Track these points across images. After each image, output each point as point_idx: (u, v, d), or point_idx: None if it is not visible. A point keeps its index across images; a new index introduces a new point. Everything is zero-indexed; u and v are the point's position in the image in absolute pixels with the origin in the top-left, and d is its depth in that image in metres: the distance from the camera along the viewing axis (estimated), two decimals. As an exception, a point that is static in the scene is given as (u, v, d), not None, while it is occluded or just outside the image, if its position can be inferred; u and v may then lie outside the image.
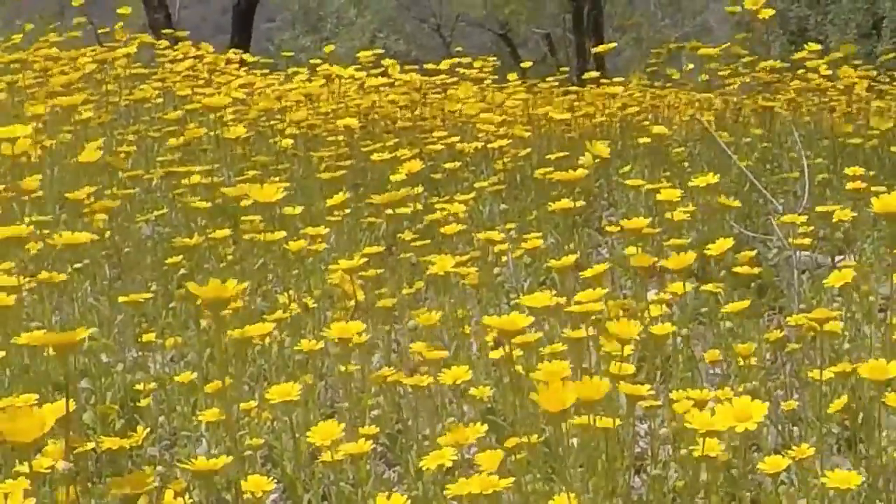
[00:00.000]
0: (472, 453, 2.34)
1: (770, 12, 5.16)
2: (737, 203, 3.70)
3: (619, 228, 3.37)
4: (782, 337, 3.02)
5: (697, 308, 3.62)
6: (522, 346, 2.46)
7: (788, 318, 3.10)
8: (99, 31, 7.01)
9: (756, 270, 3.24)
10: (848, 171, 3.60)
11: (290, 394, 2.48)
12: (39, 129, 4.66)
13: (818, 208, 3.60)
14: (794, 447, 2.45)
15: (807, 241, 3.53)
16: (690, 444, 2.36)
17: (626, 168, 4.91)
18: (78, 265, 3.47)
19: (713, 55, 5.74)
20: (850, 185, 3.61)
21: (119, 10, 6.86)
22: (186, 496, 2.25)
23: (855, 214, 3.69)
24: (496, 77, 6.89)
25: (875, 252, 4.10)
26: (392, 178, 4.18)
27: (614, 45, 6.41)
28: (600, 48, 5.77)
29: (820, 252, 4.15)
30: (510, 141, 5.00)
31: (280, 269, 3.73)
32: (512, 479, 2.11)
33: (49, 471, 2.04)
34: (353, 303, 3.19)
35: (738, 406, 2.17)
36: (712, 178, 3.55)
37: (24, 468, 1.95)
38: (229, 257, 3.77)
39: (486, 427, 2.34)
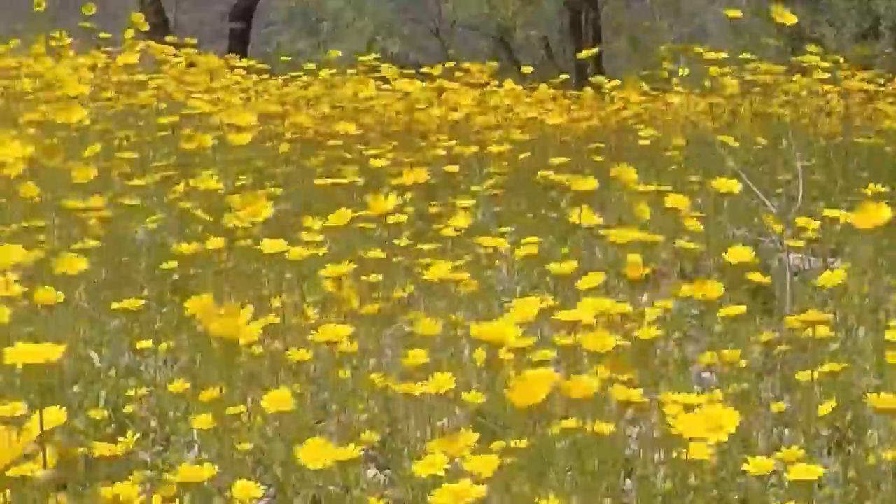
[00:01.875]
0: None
1: (794, 19, 5.16)
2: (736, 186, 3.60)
3: (611, 233, 3.35)
4: (774, 339, 3.02)
5: (689, 311, 3.62)
6: (514, 351, 2.46)
7: (776, 320, 3.11)
8: (100, 36, 7.00)
9: (753, 275, 3.23)
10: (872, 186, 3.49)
11: (285, 402, 2.46)
12: (35, 134, 4.65)
13: (810, 215, 3.59)
14: (783, 449, 2.45)
15: (800, 243, 3.53)
16: (679, 447, 2.36)
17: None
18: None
19: (718, 59, 5.72)
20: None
21: (133, 18, 6.89)
22: (177, 501, 2.25)
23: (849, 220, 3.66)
24: (497, 82, 6.90)
25: (868, 254, 4.09)
26: (391, 182, 4.17)
27: (596, 50, 6.38)
28: (583, 54, 5.76)
29: (813, 254, 4.15)
30: (509, 148, 5.01)
31: (273, 274, 3.72)
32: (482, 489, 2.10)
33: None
34: (346, 307, 3.19)
35: (711, 414, 2.12)
36: (734, 186, 3.44)
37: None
38: (223, 264, 3.76)
39: (477, 435, 2.33)
